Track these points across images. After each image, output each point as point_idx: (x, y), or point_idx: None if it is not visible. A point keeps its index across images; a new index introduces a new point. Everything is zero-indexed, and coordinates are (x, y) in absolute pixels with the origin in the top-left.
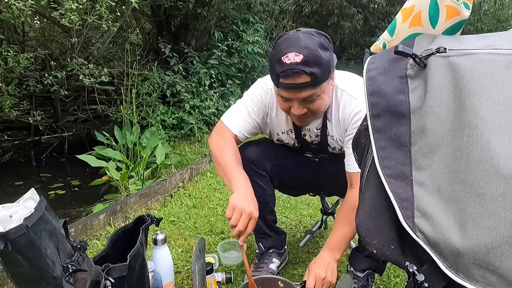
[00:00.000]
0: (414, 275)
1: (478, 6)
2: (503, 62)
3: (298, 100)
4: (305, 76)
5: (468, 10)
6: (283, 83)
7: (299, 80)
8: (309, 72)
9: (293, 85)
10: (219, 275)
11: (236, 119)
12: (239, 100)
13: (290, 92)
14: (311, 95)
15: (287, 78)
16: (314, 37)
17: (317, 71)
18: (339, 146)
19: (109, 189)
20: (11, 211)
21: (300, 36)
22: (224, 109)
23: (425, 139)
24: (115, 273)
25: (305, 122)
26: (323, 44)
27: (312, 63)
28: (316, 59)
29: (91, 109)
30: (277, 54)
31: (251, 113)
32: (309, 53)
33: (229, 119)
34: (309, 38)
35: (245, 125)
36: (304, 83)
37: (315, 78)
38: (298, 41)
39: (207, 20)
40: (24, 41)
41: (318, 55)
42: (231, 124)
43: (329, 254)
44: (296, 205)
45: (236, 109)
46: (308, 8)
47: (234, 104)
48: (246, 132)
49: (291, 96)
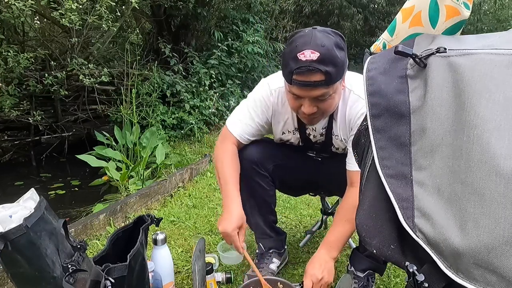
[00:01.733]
0: (414, 275)
1: (478, 6)
2: (503, 62)
3: (310, 98)
4: (320, 75)
5: (468, 10)
6: (296, 80)
7: (313, 78)
8: (324, 71)
9: (306, 83)
10: (219, 275)
11: (239, 123)
12: (243, 101)
13: (302, 89)
14: (324, 94)
15: (302, 75)
16: (331, 36)
17: (332, 70)
18: (343, 145)
19: (109, 189)
20: (11, 211)
21: (316, 34)
22: (224, 109)
23: (425, 139)
24: (115, 273)
25: (313, 121)
26: (339, 44)
27: (327, 62)
28: (332, 58)
29: (91, 109)
30: (293, 50)
31: (254, 117)
32: (326, 51)
33: (232, 123)
34: (325, 37)
35: (248, 129)
36: (318, 81)
37: (330, 77)
38: (315, 39)
39: (207, 20)
40: (24, 41)
41: (334, 54)
42: (233, 128)
43: (325, 252)
44: (296, 205)
45: (240, 113)
46: (308, 8)
47: (239, 106)
48: (249, 135)
49: (303, 94)
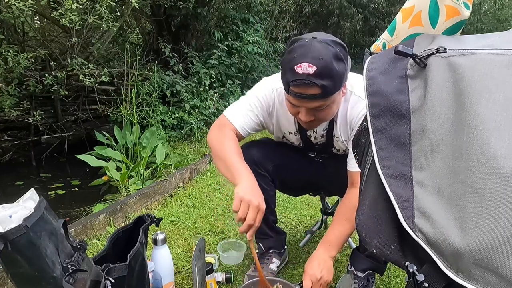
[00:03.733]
0: (414, 275)
1: (478, 6)
2: (503, 62)
3: (307, 108)
4: (316, 88)
5: (468, 10)
6: (293, 91)
7: (309, 91)
8: (320, 85)
9: (303, 95)
10: (219, 275)
11: (239, 114)
12: (242, 97)
13: (299, 100)
14: (320, 105)
15: (298, 88)
16: (330, 47)
17: (329, 84)
18: (344, 147)
19: (109, 189)
20: (10, 211)
21: (315, 45)
22: (224, 109)
23: (425, 139)
24: (115, 273)
25: (312, 127)
26: (338, 55)
27: (324, 76)
28: (329, 71)
29: (91, 109)
30: (291, 61)
31: (254, 110)
32: (323, 65)
33: (231, 113)
34: (324, 48)
35: (248, 121)
36: (314, 95)
37: (326, 90)
38: (313, 50)
39: (207, 20)
40: (24, 41)
41: (331, 68)
42: (233, 118)
43: (324, 251)
44: (296, 205)
45: (240, 105)
46: (308, 8)
47: (237, 101)
48: (248, 127)
49: (299, 104)
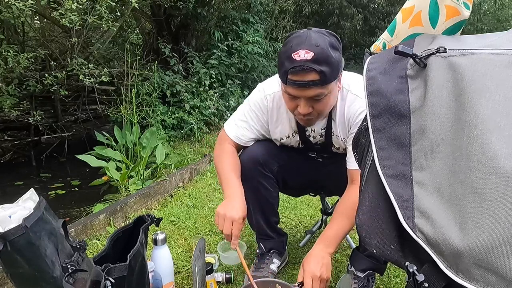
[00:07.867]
0: (414, 275)
1: (478, 6)
2: (503, 62)
3: (305, 98)
4: (314, 74)
5: (468, 10)
6: (291, 80)
7: (308, 77)
8: (319, 70)
9: (301, 82)
10: (219, 275)
11: (234, 125)
12: (239, 106)
13: (297, 89)
14: (319, 94)
15: (296, 75)
16: (325, 36)
17: (327, 70)
18: (343, 145)
19: (109, 189)
20: (10, 212)
21: (311, 34)
22: (224, 109)
23: (425, 139)
24: (115, 273)
25: (310, 122)
26: (334, 44)
27: (322, 62)
28: (326, 57)
29: (91, 109)
30: (287, 50)
31: (249, 120)
32: (320, 51)
33: (228, 126)
34: (320, 37)
35: (243, 131)
36: (313, 81)
37: (324, 76)
38: (309, 39)
39: (207, 20)
40: (24, 41)
41: (328, 54)
42: (229, 130)
43: (322, 248)
44: (296, 205)
45: (235, 116)
46: (308, 8)
47: (236, 111)
48: (244, 137)
49: (298, 94)
